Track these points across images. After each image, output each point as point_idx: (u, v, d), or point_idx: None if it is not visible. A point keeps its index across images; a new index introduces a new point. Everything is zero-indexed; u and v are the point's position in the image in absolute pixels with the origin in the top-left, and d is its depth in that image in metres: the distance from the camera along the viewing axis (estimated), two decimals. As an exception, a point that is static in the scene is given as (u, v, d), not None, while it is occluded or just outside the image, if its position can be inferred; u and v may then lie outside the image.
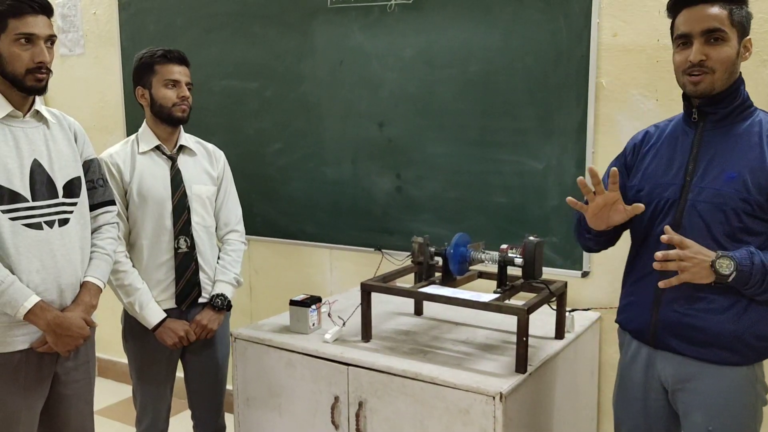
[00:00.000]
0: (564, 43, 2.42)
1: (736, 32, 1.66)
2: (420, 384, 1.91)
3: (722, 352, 1.68)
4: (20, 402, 1.91)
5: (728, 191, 1.66)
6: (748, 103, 1.73)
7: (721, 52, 1.66)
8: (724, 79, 1.67)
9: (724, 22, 1.65)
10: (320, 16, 2.89)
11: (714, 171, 1.69)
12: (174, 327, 2.27)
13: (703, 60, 1.66)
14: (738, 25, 1.66)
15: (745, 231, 1.66)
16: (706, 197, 1.69)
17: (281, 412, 2.20)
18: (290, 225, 3.11)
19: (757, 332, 1.67)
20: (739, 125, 1.70)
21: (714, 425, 1.70)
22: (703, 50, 1.66)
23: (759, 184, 1.64)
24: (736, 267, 1.60)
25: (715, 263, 1.61)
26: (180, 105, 2.29)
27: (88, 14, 3.64)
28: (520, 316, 1.87)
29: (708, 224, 1.68)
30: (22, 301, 1.83)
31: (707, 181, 1.69)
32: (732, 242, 1.66)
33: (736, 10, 1.66)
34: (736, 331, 1.67)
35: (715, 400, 1.70)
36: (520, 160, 2.55)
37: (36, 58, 1.85)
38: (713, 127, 1.73)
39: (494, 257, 2.09)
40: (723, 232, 1.67)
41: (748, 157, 1.66)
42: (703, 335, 1.69)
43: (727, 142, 1.70)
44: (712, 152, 1.71)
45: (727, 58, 1.66)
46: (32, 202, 1.88)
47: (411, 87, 2.74)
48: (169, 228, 2.30)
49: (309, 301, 2.25)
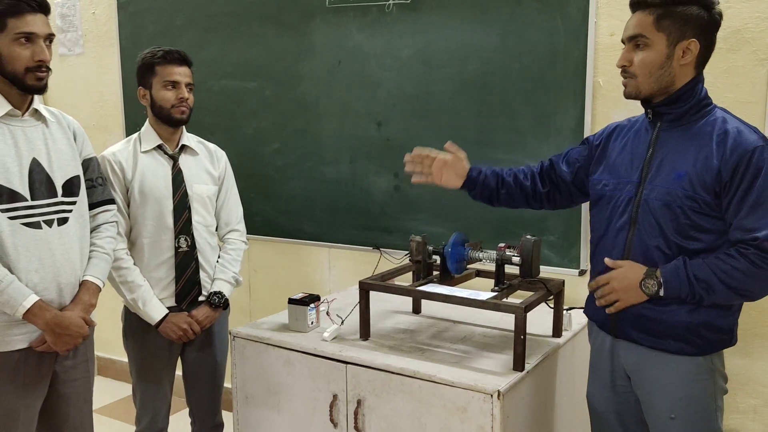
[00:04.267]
0: (561, 42, 2.43)
1: (664, 37, 1.68)
2: (418, 382, 1.91)
3: (678, 343, 1.73)
4: (19, 401, 1.92)
5: (676, 189, 1.70)
6: (705, 102, 1.74)
7: (641, 57, 1.71)
8: (650, 82, 1.72)
9: (647, 28, 1.69)
10: (318, 16, 2.90)
11: (665, 169, 1.73)
12: (176, 321, 2.29)
13: (625, 65, 1.74)
14: (668, 28, 1.68)
15: (694, 228, 1.69)
16: (657, 195, 1.73)
17: (280, 410, 2.21)
18: (289, 224, 3.12)
19: (711, 325, 1.71)
20: (695, 124, 1.73)
21: (676, 412, 1.75)
22: (628, 56, 1.74)
23: (704, 181, 1.66)
24: (659, 284, 1.69)
25: (641, 284, 1.72)
26: (179, 106, 2.29)
27: (87, 14, 3.65)
28: (518, 315, 1.88)
29: (659, 222, 1.72)
30: (21, 300, 1.83)
31: (659, 180, 1.74)
32: (683, 239, 1.70)
33: (668, 13, 1.67)
34: (690, 324, 1.71)
35: (675, 389, 1.75)
36: (518, 160, 2.56)
37: (36, 57, 1.86)
38: (669, 126, 1.77)
39: (492, 256, 2.10)
40: (673, 229, 1.71)
41: (697, 155, 1.69)
42: (660, 327, 1.74)
43: (681, 141, 1.73)
44: (665, 151, 1.75)
45: (648, 63, 1.70)
46: (31, 201, 1.89)
47: (409, 87, 2.74)
48: (170, 227, 2.30)
49: (308, 299, 2.26)
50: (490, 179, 2.05)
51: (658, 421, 1.79)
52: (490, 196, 2.07)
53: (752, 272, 1.63)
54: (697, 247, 1.69)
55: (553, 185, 2.05)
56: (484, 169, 2.06)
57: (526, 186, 2.05)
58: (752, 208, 1.63)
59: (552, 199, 2.07)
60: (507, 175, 2.07)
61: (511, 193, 2.06)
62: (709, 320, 1.71)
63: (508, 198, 2.07)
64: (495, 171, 2.07)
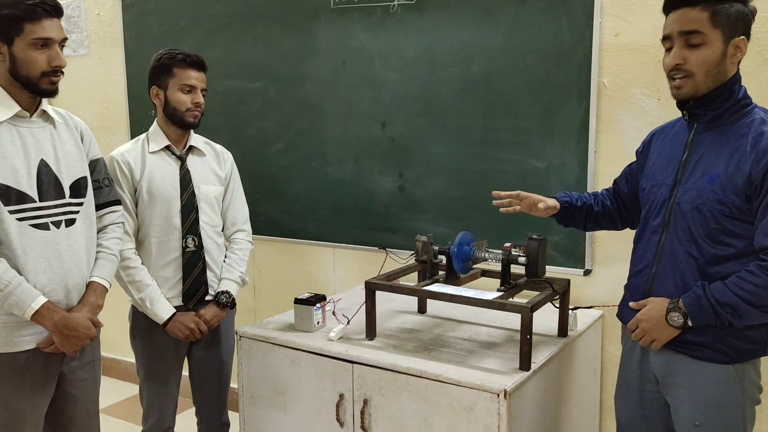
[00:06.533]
0: (566, 42, 2.43)
1: (720, 33, 1.63)
2: (424, 381, 1.92)
3: (706, 350, 1.70)
4: (26, 402, 1.92)
5: (707, 193, 1.66)
6: (744, 103, 1.69)
7: (699, 55, 1.64)
8: (707, 81, 1.65)
9: (703, 23, 1.62)
10: (323, 16, 2.90)
11: (699, 172, 1.70)
12: (184, 320, 2.29)
13: (680, 63, 1.66)
14: (723, 25, 1.62)
15: (724, 233, 1.65)
16: (688, 198, 1.70)
17: (286, 410, 2.22)
18: (293, 224, 3.13)
19: (741, 334, 1.68)
20: (732, 126, 1.68)
21: (700, 420, 1.72)
22: (682, 54, 1.66)
23: (735, 185, 1.62)
24: (684, 315, 1.67)
25: (667, 319, 1.70)
26: (193, 111, 2.31)
27: (92, 15, 3.66)
28: (524, 314, 1.89)
29: (689, 226, 1.69)
30: (29, 302, 1.84)
31: (691, 183, 1.70)
32: (713, 244, 1.66)
33: (721, 9, 1.62)
34: (719, 331, 1.68)
35: (701, 396, 1.72)
36: (522, 160, 2.56)
37: (53, 63, 1.87)
38: (706, 128, 1.72)
39: (498, 256, 2.10)
40: (703, 233, 1.67)
41: (730, 158, 1.64)
42: (690, 333, 1.71)
43: (716, 143, 1.69)
44: (701, 153, 1.71)
45: (707, 61, 1.64)
46: (39, 202, 1.89)
47: (413, 87, 2.75)
48: (178, 227, 2.31)
49: (313, 299, 2.26)
50: (579, 206, 2.04)
51: (683, 428, 1.76)
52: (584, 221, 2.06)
53: None
54: (728, 252, 1.65)
55: (620, 203, 2.02)
56: (572, 196, 2.04)
57: (607, 206, 2.04)
58: None
59: (624, 217, 2.03)
60: (589, 199, 2.05)
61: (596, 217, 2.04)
62: (739, 329, 1.67)
63: (595, 222, 2.06)
64: (580, 196, 2.05)
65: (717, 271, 1.67)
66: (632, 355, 1.88)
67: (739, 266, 1.64)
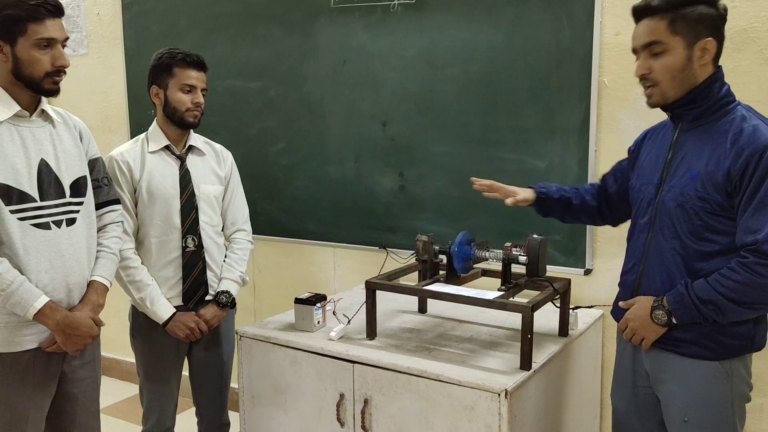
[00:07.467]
0: (566, 42, 2.44)
1: (681, 39, 1.66)
2: (425, 381, 1.92)
3: (692, 346, 1.72)
4: (29, 401, 1.92)
5: (689, 190, 1.69)
6: (726, 101, 1.71)
7: (661, 62, 1.68)
8: (674, 87, 1.69)
9: (662, 33, 1.66)
10: (323, 16, 2.90)
11: (682, 170, 1.73)
12: (184, 320, 2.29)
13: (645, 73, 1.71)
14: (684, 30, 1.65)
15: (708, 230, 1.67)
16: (672, 196, 1.73)
17: (286, 410, 2.22)
18: (294, 224, 3.13)
19: (727, 330, 1.69)
20: (714, 124, 1.70)
21: (689, 415, 1.74)
22: (646, 64, 1.71)
23: (716, 182, 1.64)
24: (668, 313, 1.70)
25: (652, 317, 1.73)
26: (193, 111, 2.30)
27: (91, 15, 3.66)
28: (525, 314, 1.89)
29: (674, 223, 1.72)
30: (31, 301, 1.84)
31: (675, 181, 1.73)
32: (697, 240, 1.69)
33: (681, 15, 1.65)
34: (706, 328, 1.69)
35: (689, 392, 1.74)
36: (523, 159, 2.56)
37: (56, 63, 1.87)
38: (689, 127, 1.75)
39: (498, 255, 2.10)
40: (687, 230, 1.70)
41: (711, 155, 1.67)
42: (677, 330, 1.73)
43: (699, 141, 1.72)
44: (684, 152, 1.74)
45: (670, 68, 1.67)
46: (40, 202, 1.89)
47: (414, 86, 2.75)
48: (178, 227, 2.31)
49: (314, 299, 2.26)
50: (556, 198, 2.07)
51: (673, 424, 1.78)
52: (562, 214, 2.10)
53: (756, 283, 1.59)
54: (713, 249, 1.67)
55: (603, 200, 2.05)
56: (551, 188, 2.08)
57: (587, 201, 2.06)
58: (757, 208, 1.59)
59: (605, 215, 2.06)
60: (569, 192, 2.08)
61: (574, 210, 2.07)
62: (726, 326, 1.68)
63: (573, 215, 2.09)
64: (560, 188, 2.08)
65: (702, 268, 1.69)
66: (625, 352, 1.92)
67: (725, 262, 1.65)
